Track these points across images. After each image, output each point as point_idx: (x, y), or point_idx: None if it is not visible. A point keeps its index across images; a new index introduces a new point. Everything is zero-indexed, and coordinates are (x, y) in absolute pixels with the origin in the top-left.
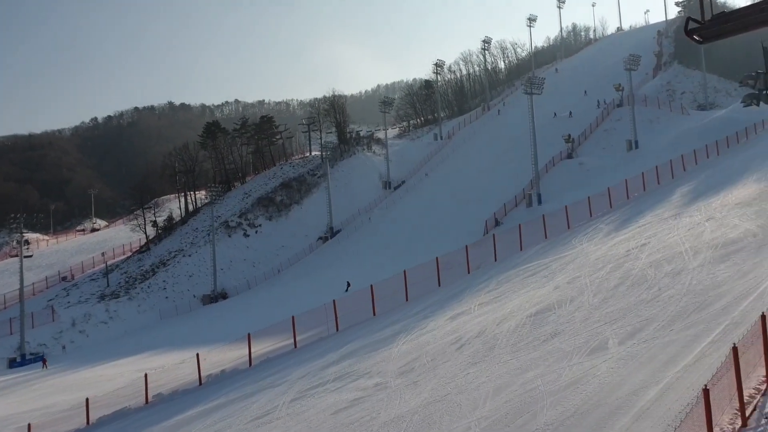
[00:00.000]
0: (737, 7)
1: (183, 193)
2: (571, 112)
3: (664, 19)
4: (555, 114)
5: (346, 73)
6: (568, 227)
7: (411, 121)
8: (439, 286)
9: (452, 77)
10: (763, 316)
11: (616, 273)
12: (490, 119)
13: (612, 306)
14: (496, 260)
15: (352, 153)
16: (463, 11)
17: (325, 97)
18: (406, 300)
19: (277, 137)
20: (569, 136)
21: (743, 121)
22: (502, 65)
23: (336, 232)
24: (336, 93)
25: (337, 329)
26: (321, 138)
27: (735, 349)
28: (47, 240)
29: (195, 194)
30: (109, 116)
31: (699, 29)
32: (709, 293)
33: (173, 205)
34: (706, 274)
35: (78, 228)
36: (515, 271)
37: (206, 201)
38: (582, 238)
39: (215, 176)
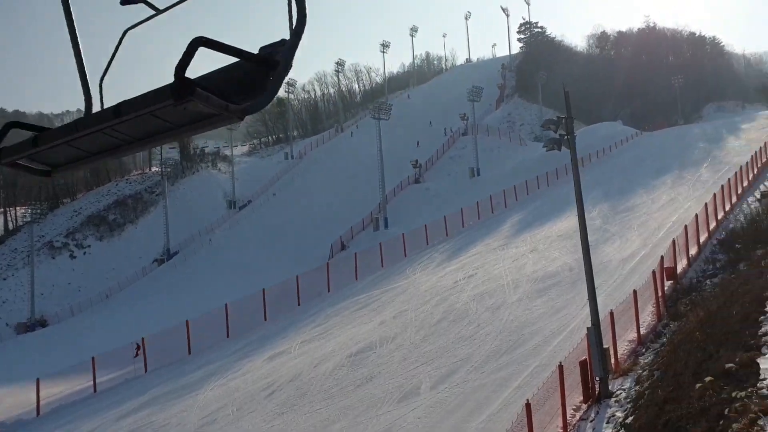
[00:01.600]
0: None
1: (2, 210)
2: (418, 142)
3: (508, 53)
4: (418, 142)
5: None
6: (405, 255)
7: (262, 139)
8: (266, 320)
9: (306, 96)
10: (560, 366)
11: (441, 306)
12: (343, 141)
13: (431, 344)
14: (329, 291)
15: (196, 170)
16: (318, 32)
17: None
18: (227, 336)
19: None
20: (416, 161)
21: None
22: (356, 88)
23: (173, 255)
24: None
25: (146, 370)
26: (161, 153)
27: (528, 405)
28: None
29: (16, 211)
30: None
31: None
32: (524, 331)
33: None
34: (523, 309)
35: None
36: (346, 303)
37: (27, 219)
38: (416, 267)
39: (40, 192)
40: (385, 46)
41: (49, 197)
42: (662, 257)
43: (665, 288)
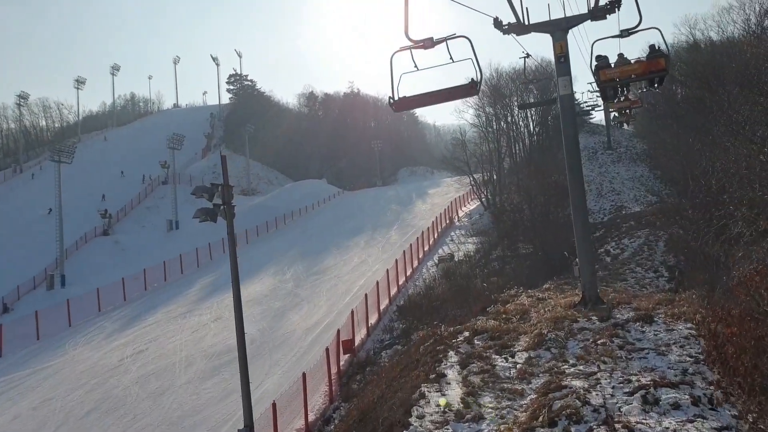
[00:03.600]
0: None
1: None
2: (104, 195)
3: (218, 102)
4: (104, 196)
5: None
6: (70, 324)
7: None
8: None
9: None
10: None
11: (96, 392)
12: (22, 183)
13: None
14: None
15: None
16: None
17: None
18: None
19: None
20: (105, 211)
21: (279, 208)
22: (43, 124)
23: None
24: None
25: None
26: None
27: None
28: None
29: None
30: None
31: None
32: (186, 421)
33: None
34: (190, 394)
35: None
36: None
37: None
38: (81, 339)
39: None
40: (80, 82)
41: None
42: (339, 330)
43: (341, 363)
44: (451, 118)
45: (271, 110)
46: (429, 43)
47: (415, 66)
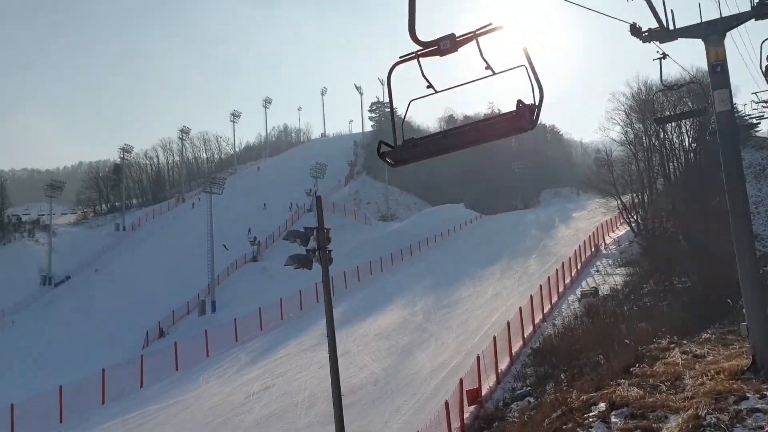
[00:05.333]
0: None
1: None
2: (250, 229)
3: (361, 130)
4: (250, 229)
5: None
6: (208, 355)
7: (96, 207)
8: (61, 422)
9: (149, 163)
10: None
11: None
12: (184, 212)
13: None
14: (104, 403)
15: (8, 240)
16: (163, 98)
17: None
18: None
19: None
20: (255, 238)
21: (416, 234)
22: (204, 156)
23: None
24: None
25: None
26: None
27: None
28: None
29: None
30: None
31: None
32: None
33: None
34: None
35: None
36: (112, 425)
37: None
38: (213, 373)
39: None
40: (235, 116)
41: None
42: (461, 380)
43: (465, 416)
44: (596, 135)
45: (411, 135)
46: (448, 45)
47: (429, 85)
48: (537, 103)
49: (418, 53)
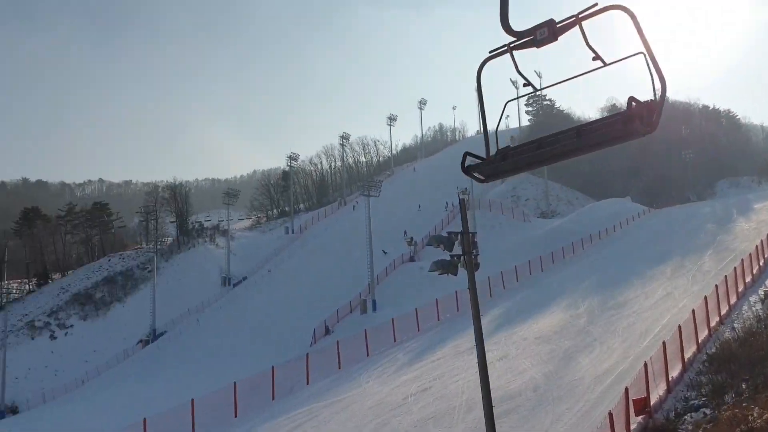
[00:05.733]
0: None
1: None
2: (405, 231)
3: (518, 125)
4: (405, 231)
5: (225, 156)
6: (368, 354)
7: (267, 212)
8: (236, 416)
9: (313, 169)
10: None
11: None
12: (345, 215)
13: None
14: (274, 399)
15: (192, 245)
16: (326, 107)
17: (166, 183)
18: None
19: (122, 225)
20: (411, 238)
21: (578, 232)
22: (363, 160)
23: (160, 335)
24: (177, 181)
25: None
26: (156, 228)
27: None
28: None
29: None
30: None
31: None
32: None
33: None
34: None
35: None
36: (281, 421)
37: (16, 296)
38: (373, 372)
39: (28, 269)
40: (391, 119)
41: (38, 274)
42: (627, 389)
43: (631, 427)
44: None
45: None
46: (545, 33)
47: (527, 82)
48: (657, 99)
49: (511, 45)
